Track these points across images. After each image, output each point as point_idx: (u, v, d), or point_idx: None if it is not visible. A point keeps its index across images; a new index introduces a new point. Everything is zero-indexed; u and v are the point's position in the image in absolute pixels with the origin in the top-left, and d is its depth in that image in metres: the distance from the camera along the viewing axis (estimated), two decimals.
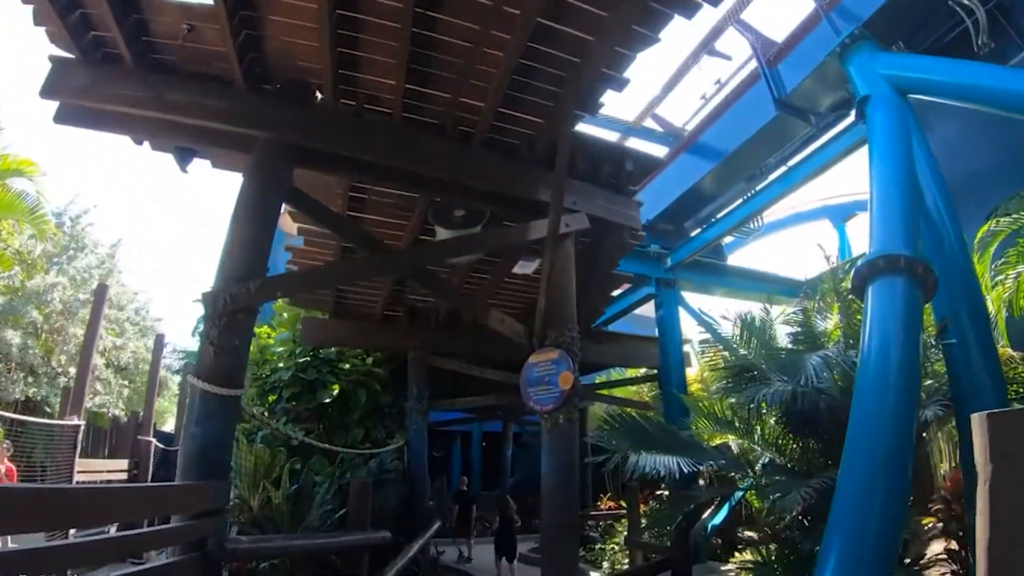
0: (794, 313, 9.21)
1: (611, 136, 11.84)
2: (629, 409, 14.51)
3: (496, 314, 7.24)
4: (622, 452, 6.96)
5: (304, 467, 9.41)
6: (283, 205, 7.21)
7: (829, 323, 9.02)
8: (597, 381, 16.50)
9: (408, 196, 7.46)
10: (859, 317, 7.10)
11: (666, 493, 8.03)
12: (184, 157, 6.54)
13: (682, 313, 11.65)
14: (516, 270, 9.38)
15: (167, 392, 27.58)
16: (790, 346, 8.96)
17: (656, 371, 13.43)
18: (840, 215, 20.00)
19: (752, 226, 13.82)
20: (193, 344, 22.55)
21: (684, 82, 12.81)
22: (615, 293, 11.84)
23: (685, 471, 6.90)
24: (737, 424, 8.59)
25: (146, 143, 6.18)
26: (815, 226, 21.63)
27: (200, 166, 6.63)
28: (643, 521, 11.89)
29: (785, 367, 7.92)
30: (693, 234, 11.80)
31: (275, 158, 5.80)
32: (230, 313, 5.05)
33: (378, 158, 6.17)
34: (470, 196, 6.97)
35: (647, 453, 6.86)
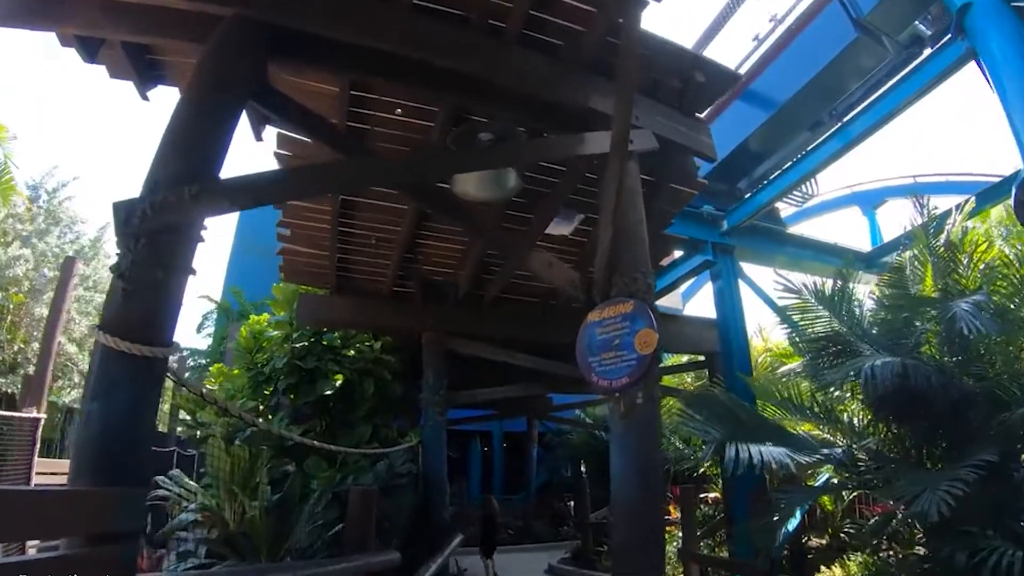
0: (888, 274, 7.39)
1: None
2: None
3: (542, 256, 5.43)
4: (716, 442, 5.13)
5: (298, 471, 7.60)
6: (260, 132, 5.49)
7: (923, 286, 7.28)
8: None
9: (424, 109, 5.66)
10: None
11: (774, 493, 6.10)
12: (144, 78, 5.04)
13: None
14: (550, 230, 7.57)
15: (163, 392, 25.47)
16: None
17: (701, 358, 11.53)
18: (870, 202, 18.71)
19: (808, 191, 11.93)
20: (199, 342, 20.77)
21: (731, 25, 10.96)
22: (663, 262, 9.96)
23: (792, 463, 5.16)
24: (816, 410, 7.04)
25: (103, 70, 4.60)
26: (843, 214, 20.38)
27: None
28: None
29: (881, 337, 6.36)
30: (748, 195, 9.91)
31: (243, 38, 4.11)
32: (151, 233, 3.25)
33: (384, 43, 4.41)
34: (503, 104, 5.19)
35: (747, 444, 5.01)
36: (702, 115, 6.32)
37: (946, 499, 4.23)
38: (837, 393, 7.41)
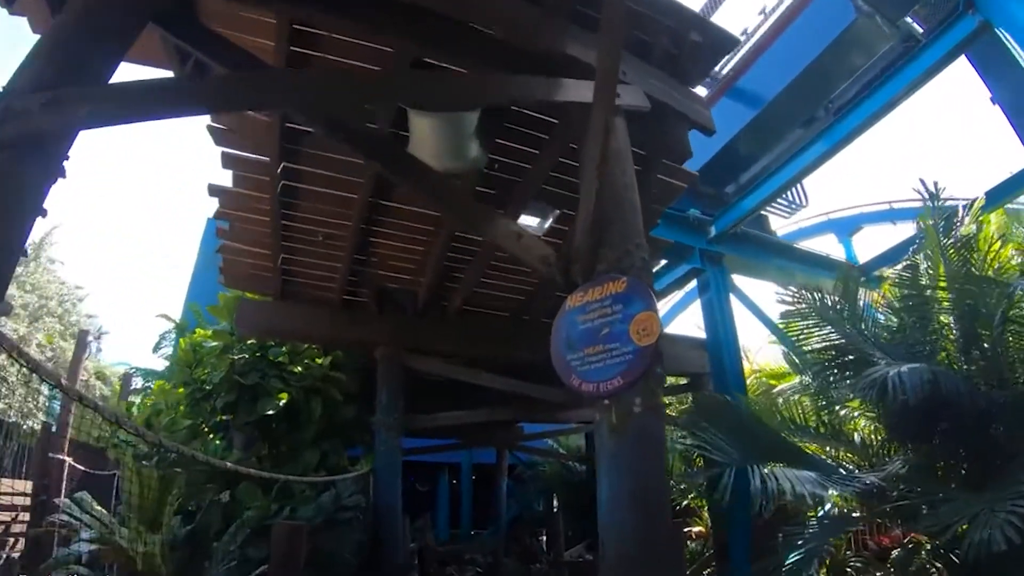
0: (899, 273, 6.57)
1: None
2: None
3: (510, 226, 4.36)
4: (734, 464, 4.07)
5: (216, 501, 6.35)
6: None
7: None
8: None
9: (379, 51, 4.63)
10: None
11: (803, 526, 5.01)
12: None
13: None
14: (521, 223, 6.54)
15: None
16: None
17: (684, 381, 10.51)
18: (846, 229, 17.50)
19: (796, 200, 11.11)
20: (156, 363, 19.09)
21: (717, 17, 10.18)
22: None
23: (819, 492, 4.15)
24: (822, 430, 6.39)
25: None
26: (819, 241, 20.06)
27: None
28: None
29: (894, 345, 5.83)
30: (737, 199, 9.00)
31: None
32: None
33: None
34: (472, 51, 4.18)
35: (769, 467, 3.96)
36: (695, 89, 5.40)
37: (1012, 521, 3.47)
38: (844, 411, 6.60)
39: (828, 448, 6.57)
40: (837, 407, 6.41)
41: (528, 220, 7.05)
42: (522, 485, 17.36)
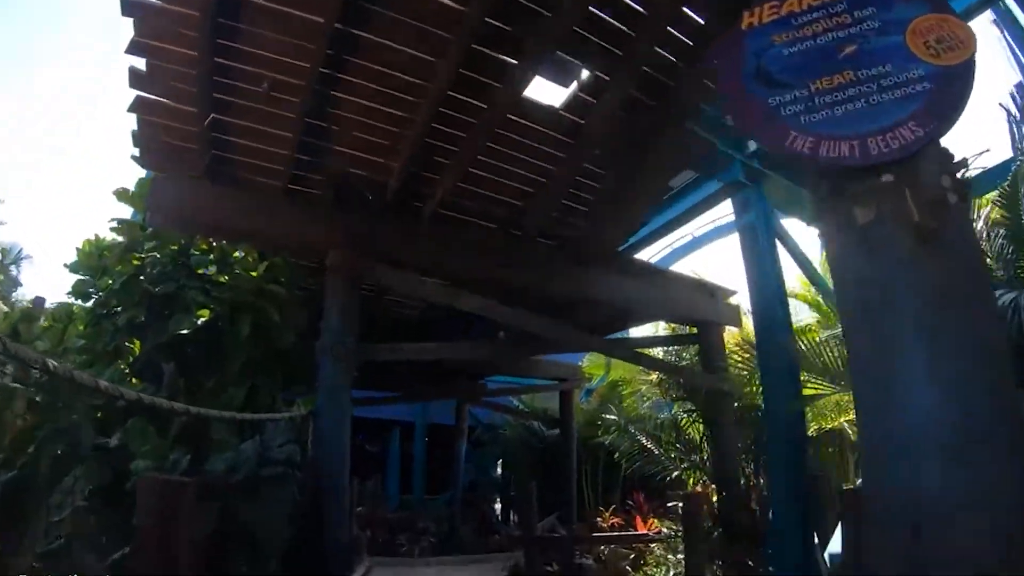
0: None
1: None
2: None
3: None
4: None
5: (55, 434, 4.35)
6: None
7: None
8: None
9: None
10: None
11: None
12: None
13: None
14: (537, 92, 4.72)
15: None
16: None
17: (694, 331, 8.78)
18: None
19: None
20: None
21: None
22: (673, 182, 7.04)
23: None
24: None
25: None
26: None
27: None
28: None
29: None
30: None
31: None
32: None
33: None
34: None
35: None
36: None
37: None
38: None
39: None
40: None
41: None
42: (481, 449, 15.61)
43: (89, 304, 6.73)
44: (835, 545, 6.13)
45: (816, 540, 5.55)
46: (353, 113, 5.31)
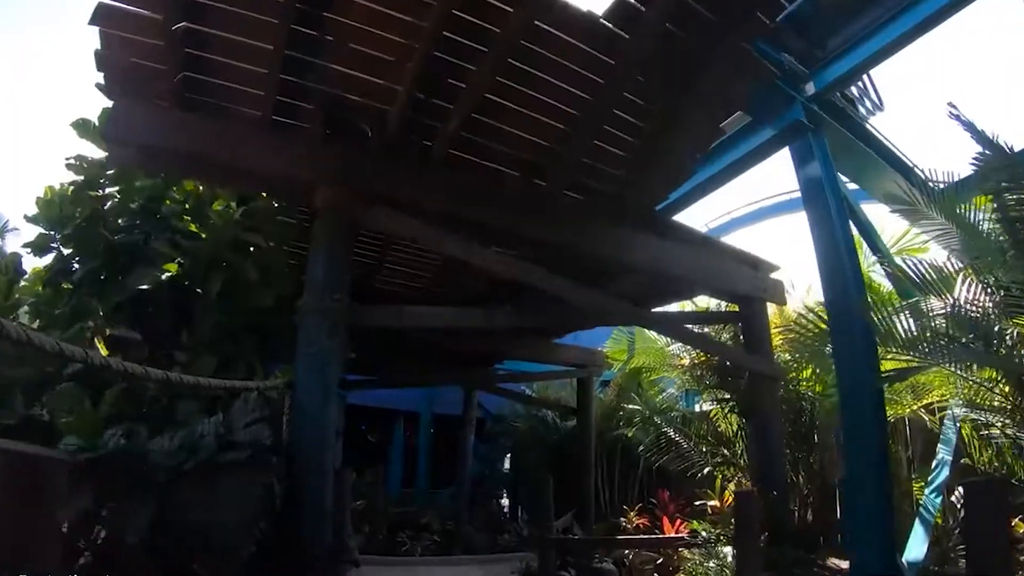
0: None
1: None
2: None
3: None
4: None
5: None
6: None
7: None
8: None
9: None
10: None
11: None
12: None
13: None
14: None
15: None
16: None
17: (733, 309, 7.71)
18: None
19: (874, 100, 8.28)
20: None
21: None
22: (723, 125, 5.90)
23: None
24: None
25: None
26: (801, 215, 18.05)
27: None
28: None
29: None
30: (838, 52, 6.07)
31: None
32: None
33: None
34: None
35: None
36: None
37: None
38: None
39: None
40: None
41: None
42: (490, 442, 14.53)
43: (48, 260, 5.74)
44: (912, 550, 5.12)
45: None
46: (349, 17, 4.26)
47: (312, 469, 4.13)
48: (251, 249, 5.46)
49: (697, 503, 9.24)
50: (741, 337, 7.41)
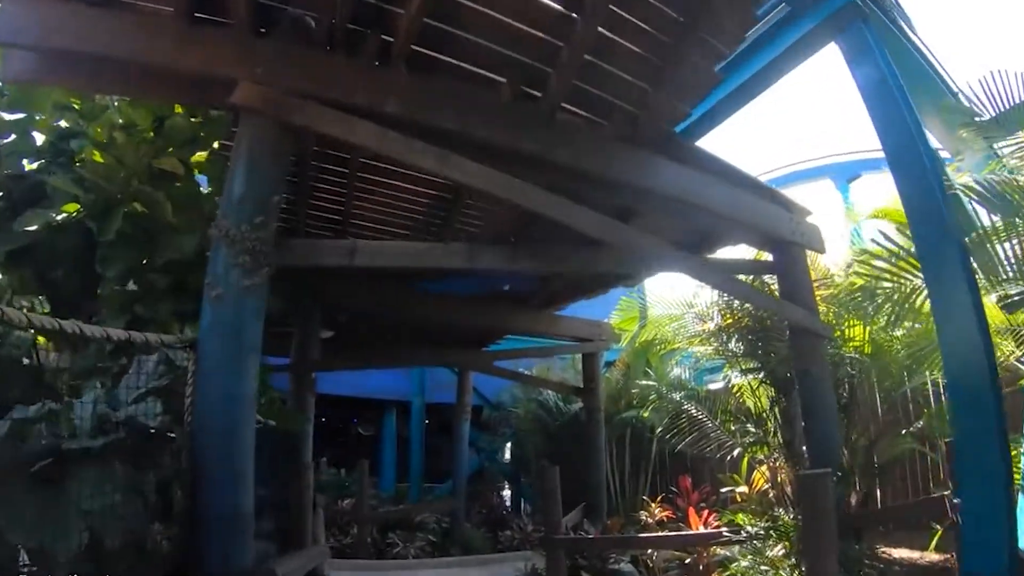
0: None
1: None
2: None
3: None
4: None
5: None
6: None
7: None
8: None
9: None
10: None
11: None
12: None
13: None
14: None
15: None
16: None
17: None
18: (844, 175, 16.26)
19: None
20: None
21: None
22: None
23: None
24: None
25: None
26: (814, 186, 17.21)
27: None
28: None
29: None
30: None
31: None
32: None
33: None
34: None
35: None
36: None
37: None
38: None
39: None
40: None
41: None
42: (488, 432, 13.31)
43: None
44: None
45: None
46: None
47: (214, 461, 2.88)
48: (175, 184, 4.22)
49: (724, 490, 8.07)
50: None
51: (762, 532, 4.85)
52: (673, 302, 8.25)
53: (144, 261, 4.02)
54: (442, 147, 3.80)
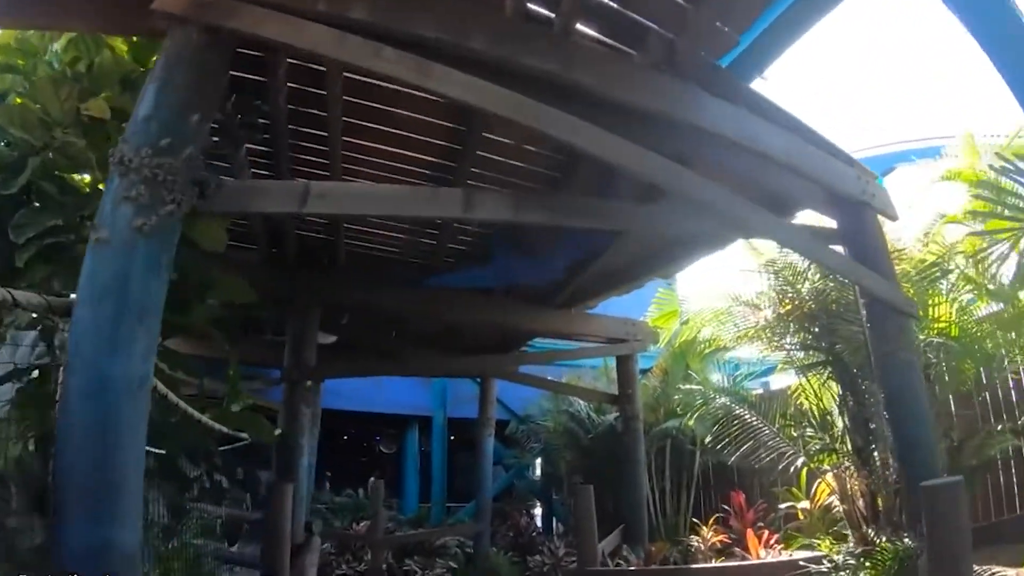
0: None
1: None
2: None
3: None
4: None
5: None
6: None
7: None
8: None
9: None
10: None
11: None
12: None
13: None
14: None
15: None
16: None
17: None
18: (879, 168, 14.64)
19: None
20: None
21: None
22: None
23: None
24: None
25: None
26: None
27: None
28: None
29: None
30: None
31: None
32: None
33: None
34: None
35: None
36: None
37: None
38: None
39: None
40: None
41: None
42: (515, 447, 12.28)
43: None
44: None
45: None
46: None
47: (76, 474, 1.98)
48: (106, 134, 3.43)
49: (782, 506, 6.96)
50: None
51: (852, 561, 3.76)
52: (715, 294, 7.23)
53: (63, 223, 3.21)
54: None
